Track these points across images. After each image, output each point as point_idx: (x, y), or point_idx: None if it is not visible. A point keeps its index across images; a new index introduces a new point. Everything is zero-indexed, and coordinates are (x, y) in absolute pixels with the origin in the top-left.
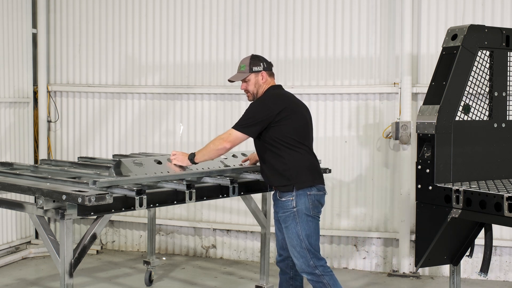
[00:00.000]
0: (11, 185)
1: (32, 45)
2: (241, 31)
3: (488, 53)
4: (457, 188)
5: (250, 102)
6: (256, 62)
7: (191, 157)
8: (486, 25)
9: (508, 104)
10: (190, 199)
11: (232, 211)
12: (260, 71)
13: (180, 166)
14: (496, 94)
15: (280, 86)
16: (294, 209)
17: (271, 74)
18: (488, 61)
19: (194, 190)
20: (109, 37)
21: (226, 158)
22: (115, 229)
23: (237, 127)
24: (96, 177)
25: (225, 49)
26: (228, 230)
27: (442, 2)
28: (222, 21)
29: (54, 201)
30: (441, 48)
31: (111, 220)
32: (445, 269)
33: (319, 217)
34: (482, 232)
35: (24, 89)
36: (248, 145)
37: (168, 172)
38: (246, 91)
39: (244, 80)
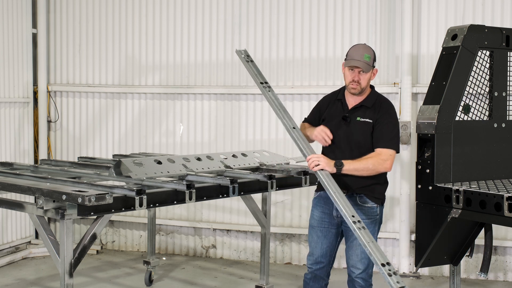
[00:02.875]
0: (11, 185)
1: (32, 45)
2: (241, 31)
3: (488, 53)
4: (457, 188)
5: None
6: (375, 57)
7: (339, 165)
8: (486, 25)
9: (508, 104)
10: (190, 199)
11: (232, 211)
12: (375, 67)
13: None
14: (496, 94)
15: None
16: (377, 216)
17: None
18: (488, 61)
19: (194, 190)
20: (109, 37)
21: (226, 158)
22: (115, 229)
23: (395, 147)
24: (96, 177)
25: (225, 49)
26: (228, 230)
27: (442, 2)
28: (222, 21)
29: (54, 201)
30: (441, 48)
31: (111, 220)
32: (445, 269)
33: None
34: (482, 232)
35: (24, 89)
36: (248, 146)
37: (168, 172)
38: (357, 83)
39: (362, 71)
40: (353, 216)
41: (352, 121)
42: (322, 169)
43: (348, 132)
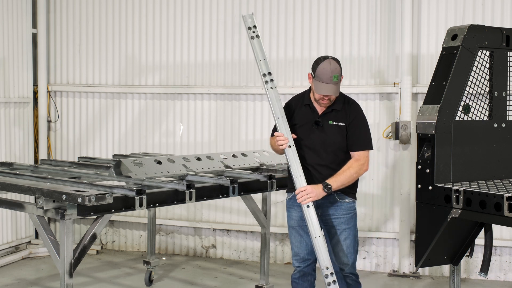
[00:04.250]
0: (11, 185)
1: (32, 45)
2: (241, 31)
3: (488, 53)
4: (457, 188)
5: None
6: (341, 68)
7: (328, 189)
8: (486, 25)
9: (508, 104)
10: (190, 199)
11: (232, 211)
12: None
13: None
14: (496, 94)
15: None
16: (355, 211)
17: None
18: (488, 61)
19: (194, 190)
20: (109, 37)
21: (226, 158)
22: (115, 229)
23: (369, 146)
24: (96, 177)
25: (225, 49)
26: (228, 230)
27: (442, 2)
28: (222, 21)
29: (54, 201)
30: (441, 48)
31: (111, 220)
32: (445, 269)
33: None
34: (482, 232)
35: (24, 89)
36: (249, 146)
37: (168, 172)
38: (328, 100)
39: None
40: (327, 268)
41: (325, 125)
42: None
43: (322, 136)
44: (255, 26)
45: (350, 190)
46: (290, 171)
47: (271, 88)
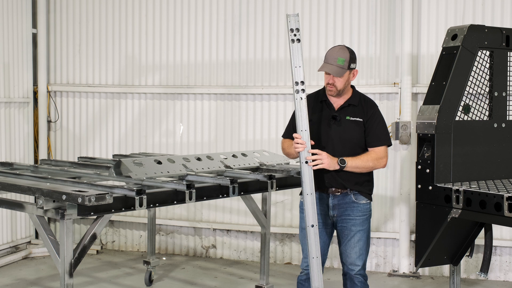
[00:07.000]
0: (11, 185)
1: (32, 45)
2: (241, 31)
3: (488, 53)
4: (457, 188)
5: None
6: (354, 58)
7: (342, 163)
8: (486, 25)
9: (508, 104)
10: (190, 199)
11: (232, 211)
12: (355, 68)
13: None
14: (496, 94)
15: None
16: (370, 212)
17: None
18: (488, 61)
19: (194, 190)
20: (109, 37)
21: (226, 158)
22: (115, 229)
23: (387, 142)
24: (96, 177)
25: (225, 49)
26: (228, 230)
27: (442, 2)
28: (222, 21)
29: (54, 201)
30: (441, 48)
31: (111, 220)
32: (445, 269)
33: None
34: (482, 232)
35: (24, 89)
36: (249, 146)
37: (168, 172)
38: (332, 85)
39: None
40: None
41: (342, 120)
42: (323, 168)
43: (340, 131)
44: (298, 29)
45: (367, 191)
46: (302, 183)
47: (301, 98)
